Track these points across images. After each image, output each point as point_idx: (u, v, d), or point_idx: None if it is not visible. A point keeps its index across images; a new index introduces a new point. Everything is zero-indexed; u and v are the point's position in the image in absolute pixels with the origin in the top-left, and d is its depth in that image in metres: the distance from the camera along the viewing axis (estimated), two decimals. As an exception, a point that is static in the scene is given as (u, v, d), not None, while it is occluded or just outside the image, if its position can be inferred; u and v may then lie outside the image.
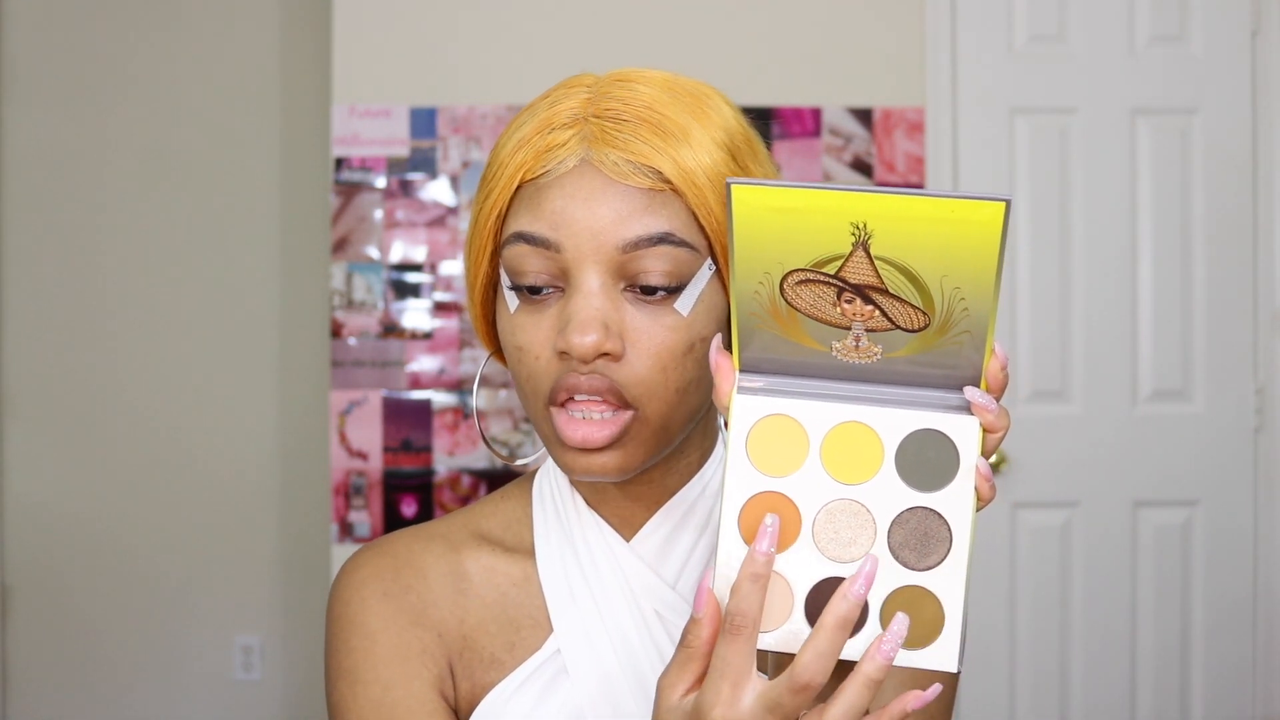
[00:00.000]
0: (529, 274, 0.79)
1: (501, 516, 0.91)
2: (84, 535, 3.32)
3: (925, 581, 0.68)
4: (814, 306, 0.66)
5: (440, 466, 2.90)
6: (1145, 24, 2.93)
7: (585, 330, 0.76)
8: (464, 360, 2.90)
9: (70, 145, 3.33)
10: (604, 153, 0.77)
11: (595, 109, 0.79)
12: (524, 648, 0.86)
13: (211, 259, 3.35)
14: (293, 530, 3.34)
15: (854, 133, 2.93)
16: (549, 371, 0.79)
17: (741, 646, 0.66)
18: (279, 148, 3.35)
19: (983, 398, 0.68)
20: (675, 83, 0.81)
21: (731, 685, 0.66)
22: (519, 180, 0.79)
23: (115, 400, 3.33)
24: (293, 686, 3.35)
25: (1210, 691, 2.91)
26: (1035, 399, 2.92)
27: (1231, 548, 2.92)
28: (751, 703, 0.65)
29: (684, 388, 0.79)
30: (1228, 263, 2.92)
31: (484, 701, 0.85)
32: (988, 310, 0.65)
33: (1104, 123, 2.92)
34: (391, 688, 0.84)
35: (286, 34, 3.34)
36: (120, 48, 3.33)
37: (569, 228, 0.77)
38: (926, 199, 0.62)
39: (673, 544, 0.86)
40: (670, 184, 0.77)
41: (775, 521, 0.67)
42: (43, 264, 3.34)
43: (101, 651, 3.32)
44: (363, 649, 0.85)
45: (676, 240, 0.77)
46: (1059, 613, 2.91)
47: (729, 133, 0.80)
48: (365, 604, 0.86)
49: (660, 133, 0.77)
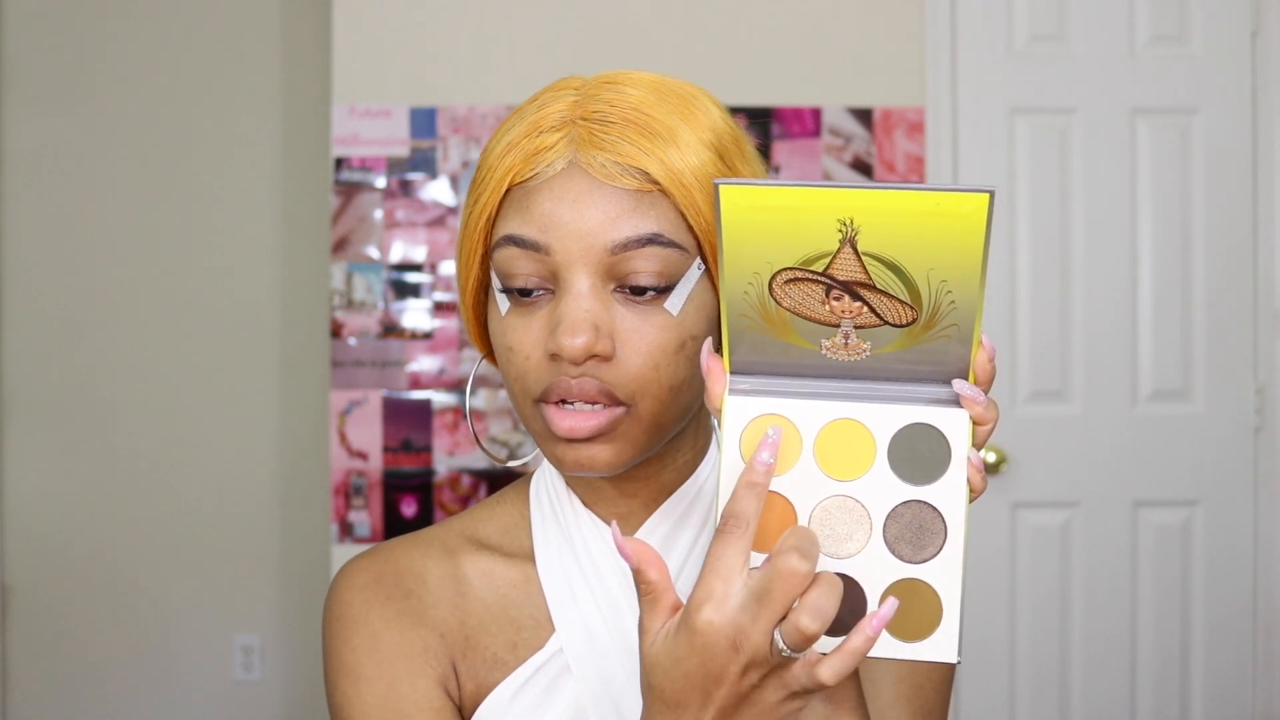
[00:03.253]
0: (519, 276, 0.79)
1: (498, 522, 0.92)
2: (84, 535, 3.32)
3: (922, 574, 0.68)
4: (802, 305, 0.67)
5: (440, 466, 2.90)
6: (1145, 24, 2.93)
7: (575, 332, 0.76)
8: (464, 360, 2.90)
9: (70, 145, 3.33)
10: (591, 155, 0.77)
11: (583, 111, 0.79)
12: (526, 647, 0.86)
13: (211, 259, 3.35)
14: (293, 530, 3.34)
15: (854, 133, 2.93)
16: (539, 372, 0.79)
17: (736, 543, 0.65)
18: (279, 148, 3.35)
19: (971, 390, 0.69)
20: (662, 84, 0.81)
21: (724, 582, 0.65)
22: (508, 183, 0.80)
23: (115, 400, 3.33)
24: (293, 686, 3.35)
25: (1210, 692, 2.91)
26: (1035, 399, 2.91)
27: (1231, 548, 2.92)
28: (740, 596, 0.65)
29: (677, 385, 0.80)
30: (1228, 263, 2.92)
31: (487, 700, 0.85)
32: (974, 303, 0.65)
33: (1104, 123, 2.91)
34: (397, 684, 0.84)
35: (286, 34, 3.34)
36: (120, 48, 3.34)
37: (558, 230, 0.77)
38: (911, 192, 0.62)
39: (672, 542, 0.86)
40: (658, 185, 0.78)
41: (778, 432, 0.67)
42: (42, 264, 3.34)
43: (101, 651, 3.33)
44: (366, 647, 0.85)
45: (665, 241, 0.78)
46: (1059, 613, 2.91)
47: (716, 133, 0.80)
48: (368, 605, 0.87)
49: (647, 134, 0.78)
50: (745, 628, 0.64)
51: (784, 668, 0.66)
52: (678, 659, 0.66)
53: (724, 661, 0.65)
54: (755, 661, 0.65)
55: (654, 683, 0.68)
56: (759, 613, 0.64)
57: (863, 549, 0.69)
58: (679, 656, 0.66)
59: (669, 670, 0.67)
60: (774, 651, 0.65)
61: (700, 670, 0.66)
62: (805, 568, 0.64)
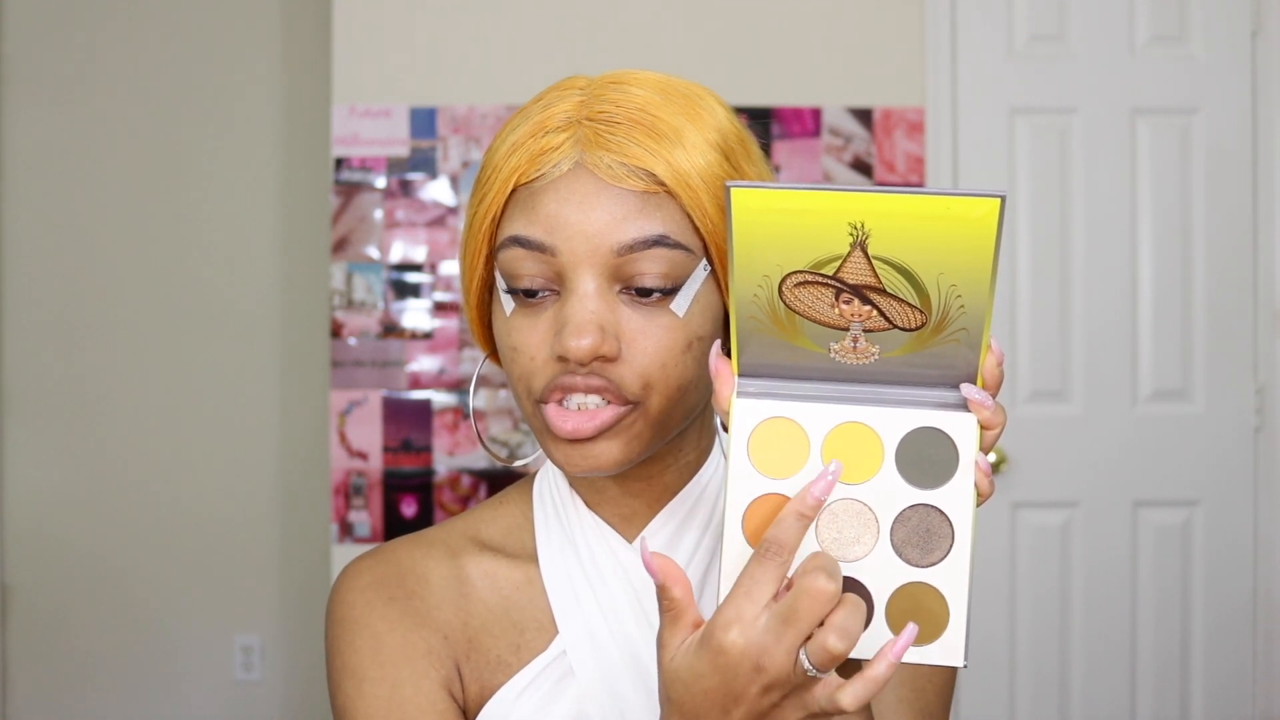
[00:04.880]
0: (524, 277, 0.79)
1: (501, 523, 0.92)
2: (83, 535, 3.32)
3: (929, 578, 0.68)
4: (812, 308, 0.67)
5: (440, 466, 2.90)
6: (1145, 24, 2.93)
7: (581, 334, 0.76)
8: (464, 360, 2.90)
9: (70, 144, 3.33)
10: (598, 156, 0.77)
11: (589, 112, 0.79)
12: (529, 649, 0.86)
13: (211, 259, 3.35)
14: (293, 530, 3.34)
15: (854, 133, 2.93)
16: (544, 372, 0.79)
17: (773, 570, 0.66)
18: (279, 148, 3.35)
19: (979, 394, 0.69)
20: (668, 84, 0.81)
21: (754, 604, 0.65)
22: (513, 184, 0.80)
23: (115, 400, 3.33)
24: (293, 686, 3.35)
25: (1210, 692, 2.91)
26: (1035, 399, 2.91)
27: (1231, 548, 2.92)
28: (766, 619, 0.65)
29: (684, 385, 0.80)
30: (1228, 263, 2.92)
31: (490, 702, 0.85)
32: (984, 307, 0.65)
33: (1104, 123, 2.92)
34: (401, 686, 0.84)
35: (286, 34, 3.34)
36: (120, 47, 3.33)
37: (564, 231, 0.77)
38: (923, 197, 0.62)
39: (676, 544, 0.86)
40: (664, 186, 0.78)
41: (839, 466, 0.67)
42: (43, 263, 3.34)
43: (101, 651, 3.32)
44: (369, 649, 0.85)
45: (671, 242, 0.77)
46: (1059, 613, 2.91)
47: (722, 133, 0.80)
48: (370, 606, 0.86)
49: (654, 135, 0.78)
50: (769, 648, 0.64)
51: (805, 688, 0.66)
52: (699, 675, 0.66)
53: (745, 681, 0.65)
54: (777, 682, 0.65)
55: (673, 696, 0.68)
56: (784, 633, 0.64)
57: (870, 552, 0.69)
58: (700, 673, 0.66)
59: (689, 685, 0.67)
60: (797, 671, 0.65)
61: (721, 689, 0.66)
62: (832, 588, 0.64)
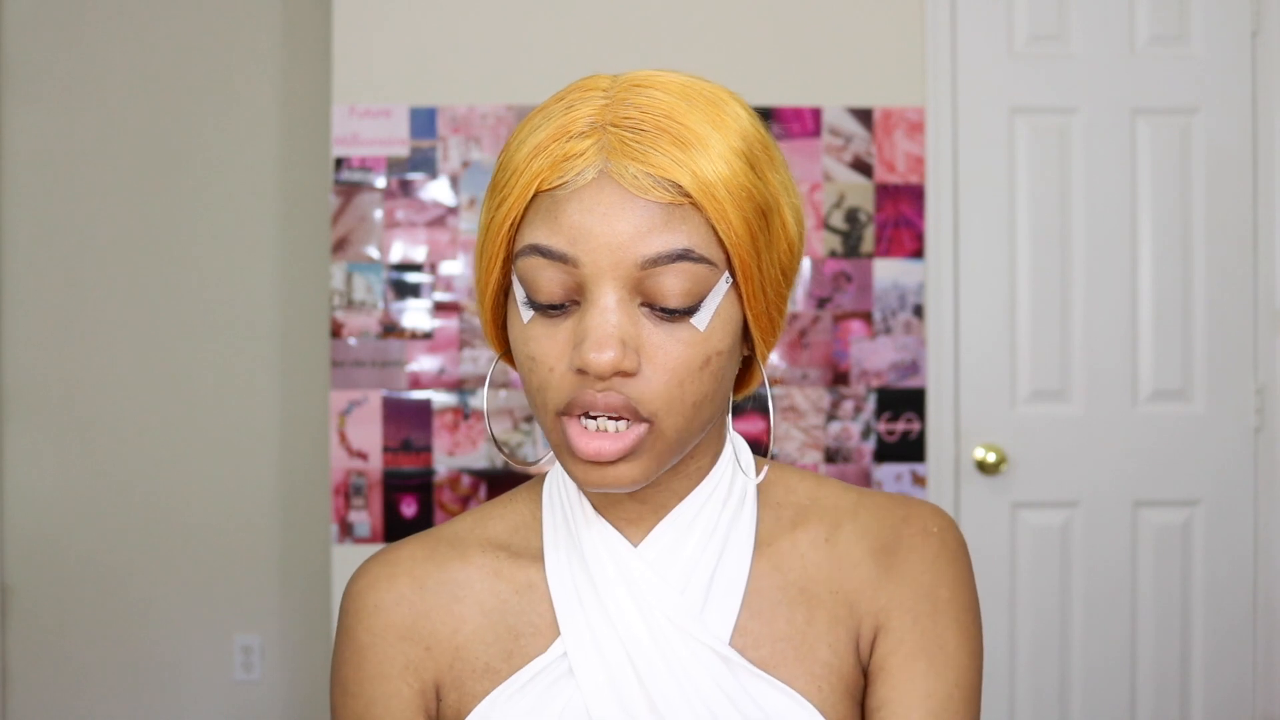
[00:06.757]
0: (544, 287, 0.78)
1: (510, 520, 0.92)
2: (83, 535, 3.31)
3: None
4: None
5: (440, 466, 2.90)
6: (1145, 24, 2.93)
7: (602, 348, 0.75)
8: (464, 360, 2.90)
9: (70, 144, 3.33)
10: (623, 165, 0.76)
11: (613, 117, 0.77)
12: (522, 655, 0.86)
13: (211, 259, 3.34)
14: (293, 530, 3.34)
15: (854, 133, 2.93)
16: (562, 384, 0.78)
17: None
18: (279, 148, 3.35)
19: None
20: (691, 88, 0.79)
21: None
22: (535, 189, 0.78)
23: (115, 400, 3.33)
24: (293, 686, 3.35)
25: (1210, 692, 2.91)
26: (1035, 399, 2.92)
27: (1231, 548, 2.92)
28: None
29: (700, 402, 0.79)
30: (1228, 263, 2.92)
31: (482, 703, 0.85)
32: None
33: (1104, 123, 2.92)
34: (373, 705, 0.87)
35: (286, 34, 3.34)
36: (120, 47, 3.33)
37: (587, 243, 0.76)
38: None
39: (679, 549, 0.86)
40: (689, 198, 0.76)
41: None
42: (42, 264, 3.33)
43: (101, 651, 3.32)
44: (352, 662, 0.88)
45: (695, 256, 0.76)
46: (1059, 613, 2.91)
47: (746, 140, 0.79)
48: (359, 616, 0.88)
49: (679, 143, 0.76)
50: None
51: None
52: None
53: None
54: None
55: None
56: None
57: None
58: None
59: None
60: None
61: None
62: None
